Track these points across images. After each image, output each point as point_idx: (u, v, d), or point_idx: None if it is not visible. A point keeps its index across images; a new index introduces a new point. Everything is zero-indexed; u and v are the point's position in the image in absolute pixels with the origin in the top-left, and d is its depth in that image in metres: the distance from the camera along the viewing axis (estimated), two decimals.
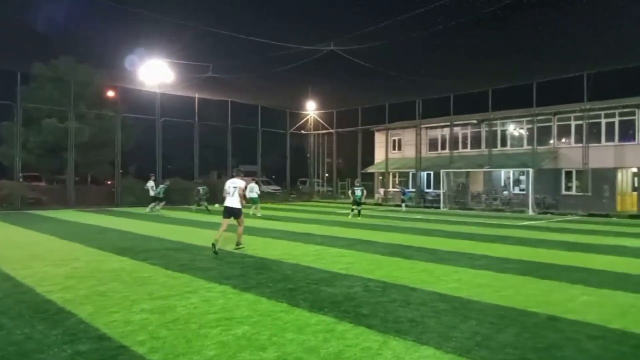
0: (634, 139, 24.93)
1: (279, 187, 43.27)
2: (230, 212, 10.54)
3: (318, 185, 42.85)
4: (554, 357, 4.30)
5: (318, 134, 40.79)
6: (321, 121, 39.21)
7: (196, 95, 31.90)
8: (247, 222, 18.11)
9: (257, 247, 11.34)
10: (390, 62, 22.24)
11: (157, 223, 17.64)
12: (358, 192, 21.51)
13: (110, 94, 30.27)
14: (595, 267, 8.90)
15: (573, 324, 5.31)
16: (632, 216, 22.66)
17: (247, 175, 45.93)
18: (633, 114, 25.03)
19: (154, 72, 23.89)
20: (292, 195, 38.89)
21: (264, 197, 36.46)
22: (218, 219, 12.18)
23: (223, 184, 11.53)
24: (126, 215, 20.76)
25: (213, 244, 10.09)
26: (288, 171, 38.08)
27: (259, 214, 20.57)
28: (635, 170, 24.97)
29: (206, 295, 6.47)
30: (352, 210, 21.86)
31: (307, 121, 39.80)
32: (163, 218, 19.84)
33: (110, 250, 10.50)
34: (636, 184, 25.08)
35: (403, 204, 26.24)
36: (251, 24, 18.37)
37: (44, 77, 27.73)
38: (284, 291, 6.73)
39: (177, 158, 45.21)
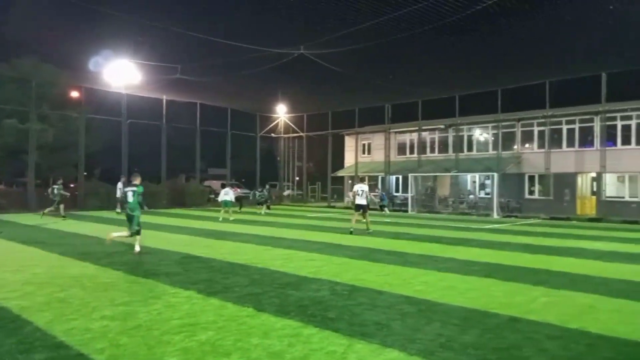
0: (592, 145, 25.89)
1: (248, 191, 42.96)
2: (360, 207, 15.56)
3: (288, 188, 42.75)
4: (514, 357, 4.41)
5: (288, 138, 40.73)
6: (292, 125, 39.17)
7: (164, 97, 31.36)
8: (218, 226, 17.95)
9: (225, 251, 11.22)
10: (360, 66, 22.42)
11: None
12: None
13: (75, 94, 29.42)
14: (556, 269, 9.17)
15: (533, 324, 5.45)
16: (591, 219, 23.51)
17: (216, 178, 45.30)
18: (592, 120, 26.01)
19: (121, 73, 23.36)
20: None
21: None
22: (183, 222, 11.98)
23: (189, 187, 11.48)
24: (90, 219, 20.19)
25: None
26: (258, 175, 37.84)
27: (231, 218, 20.40)
28: (594, 175, 25.92)
29: (171, 300, 6.35)
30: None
31: (277, 124, 39.70)
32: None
33: (72, 256, 10.18)
34: (595, 189, 26.03)
35: (386, 209, 26.43)
36: (222, 25, 18.21)
37: (5, 76, 26.75)
38: (251, 296, 6.67)
39: (144, 160, 44.36)
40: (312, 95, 30.74)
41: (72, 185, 29.58)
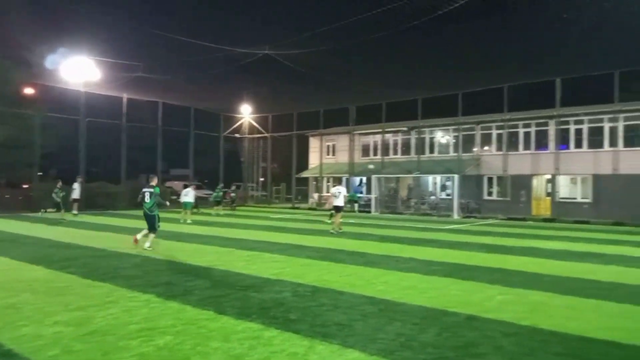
0: (547, 148, 26.91)
1: (211, 192, 42.36)
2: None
3: (252, 189, 42.44)
4: (471, 355, 4.52)
5: (253, 138, 40.44)
6: (256, 125, 38.91)
7: (124, 95, 30.53)
8: (179, 228, 17.61)
9: (186, 253, 11.03)
10: (325, 68, 22.50)
11: (79, 229, 16.66)
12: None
13: (30, 91, 28.22)
14: (512, 268, 9.48)
15: (490, 322, 5.62)
16: (545, 220, 24.44)
17: (178, 179, 44.45)
18: (547, 124, 27.02)
19: (79, 70, 22.58)
20: (225, 200, 38.22)
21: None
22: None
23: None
24: (44, 221, 19.42)
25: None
26: (221, 175, 37.38)
27: (188, 220, 19.98)
28: (548, 177, 26.93)
29: (128, 305, 6.18)
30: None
31: (241, 125, 39.34)
32: (86, 224, 18.75)
33: (24, 259, 9.76)
34: (549, 190, 27.05)
35: (355, 205, 26.58)
36: (186, 24, 17.91)
37: None
38: (212, 298, 6.58)
39: (103, 160, 43.05)
40: (277, 96, 30.64)
41: (25, 186, 28.42)
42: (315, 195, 36.88)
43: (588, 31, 16.85)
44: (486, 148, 29.66)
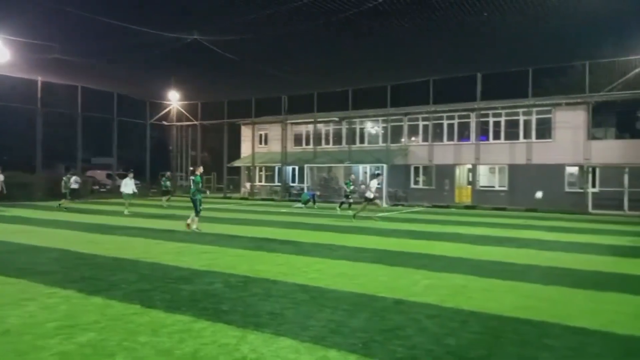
0: (469, 139, 28.42)
1: (138, 182, 40.62)
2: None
3: (182, 179, 41.20)
4: (398, 337, 4.73)
5: (182, 126, 39.16)
6: (185, 112, 37.68)
7: (39, 78, 28.36)
8: (103, 220, 16.76)
9: (111, 246, 10.54)
10: (256, 56, 22.21)
11: None
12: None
13: None
14: (436, 253, 9.98)
15: (415, 305, 5.89)
16: (467, 207, 25.93)
17: (101, 168, 42.25)
18: (468, 117, 28.52)
19: None
20: (152, 190, 36.85)
21: (120, 192, 33.99)
22: (61, 216, 11.04)
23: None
24: None
25: None
26: (148, 164, 35.94)
27: (126, 212, 18.98)
28: (470, 166, 28.51)
29: (46, 302, 5.82)
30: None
31: (169, 112, 37.95)
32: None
33: None
34: (470, 179, 28.65)
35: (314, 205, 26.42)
36: (108, 4, 16.88)
37: None
38: (139, 292, 6.35)
39: (15, 148, 39.91)
40: (207, 84, 29.84)
41: None
42: (248, 185, 36.49)
43: (505, 30, 17.92)
44: (413, 139, 30.79)
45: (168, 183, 25.97)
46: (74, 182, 21.63)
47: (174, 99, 35.74)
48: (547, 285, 7.13)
